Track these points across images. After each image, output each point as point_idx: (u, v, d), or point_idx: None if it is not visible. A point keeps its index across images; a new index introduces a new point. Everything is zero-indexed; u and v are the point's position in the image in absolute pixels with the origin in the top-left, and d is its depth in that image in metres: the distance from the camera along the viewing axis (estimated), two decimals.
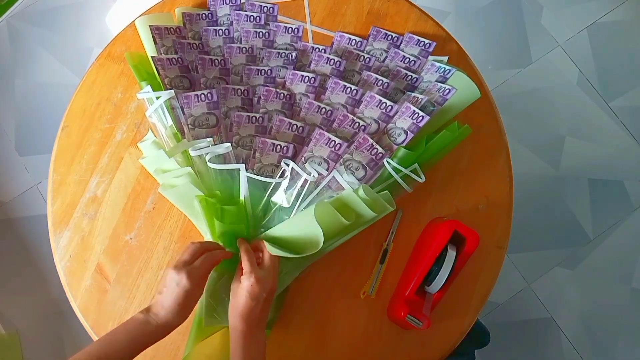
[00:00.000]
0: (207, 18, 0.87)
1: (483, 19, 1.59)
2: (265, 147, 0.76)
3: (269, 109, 0.80)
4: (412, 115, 0.77)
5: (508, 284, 1.45)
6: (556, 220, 1.48)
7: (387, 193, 0.73)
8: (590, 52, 1.56)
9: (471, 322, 0.77)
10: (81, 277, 0.80)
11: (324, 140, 0.76)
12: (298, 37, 0.86)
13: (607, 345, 1.43)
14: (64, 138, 0.85)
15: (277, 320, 0.77)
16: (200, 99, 0.77)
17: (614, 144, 1.52)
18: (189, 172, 0.72)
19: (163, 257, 0.80)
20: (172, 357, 0.76)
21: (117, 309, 0.79)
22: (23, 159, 1.57)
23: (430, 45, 0.84)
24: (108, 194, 0.83)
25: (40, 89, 1.60)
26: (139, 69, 0.81)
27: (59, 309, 1.47)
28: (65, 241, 0.81)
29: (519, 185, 0.85)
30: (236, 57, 0.83)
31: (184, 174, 0.72)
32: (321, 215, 0.68)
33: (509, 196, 0.81)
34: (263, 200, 0.75)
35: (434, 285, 0.70)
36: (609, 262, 1.46)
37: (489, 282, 0.78)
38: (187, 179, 0.71)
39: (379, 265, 0.78)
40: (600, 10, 1.59)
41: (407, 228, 0.80)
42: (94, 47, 1.61)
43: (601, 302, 1.45)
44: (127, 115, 0.85)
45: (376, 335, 0.76)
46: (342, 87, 0.80)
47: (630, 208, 1.49)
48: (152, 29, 0.82)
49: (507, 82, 1.55)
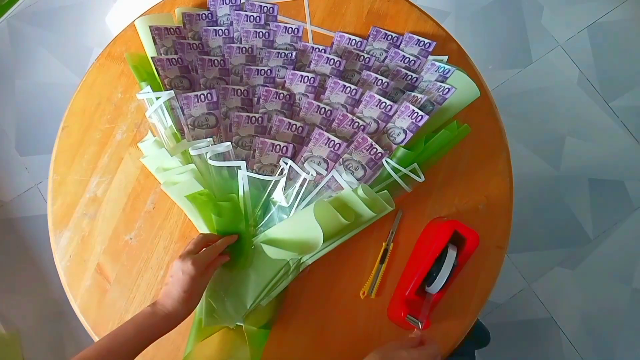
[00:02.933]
0: (207, 18, 0.87)
1: (483, 19, 1.59)
2: (264, 147, 0.76)
3: (269, 109, 0.80)
4: (411, 114, 0.77)
5: (508, 284, 1.45)
6: (556, 220, 1.48)
7: (386, 193, 0.73)
8: (590, 52, 1.56)
9: (471, 322, 0.77)
10: (81, 277, 0.80)
11: (324, 140, 0.76)
12: (298, 37, 0.86)
13: (607, 345, 1.43)
14: (64, 138, 0.85)
15: (277, 320, 0.77)
16: (200, 99, 0.77)
17: (614, 144, 1.52)
18: (192, 169, 0.72)
19: (163, 257, 0.80)
20: (172, 357, 0.76)
21: (117, 309, 0.79)
22: (23, 158, 1.57)
23: (430, 45, 0.84)
24: (108, 194, 0.83)
25: (40, 89, 1.60)
26: (138, 70, 0.81)
27: (59, 309, 1.47)
28: (65, 241, 0.81)
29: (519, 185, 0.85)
30: (236, 57, 0.83)
31: (186, 170, 0.72)
32: (320, 215, 0.68)
33: (509, 196, 0.81)
34: (262, 199, 0.75)
35: (434, 285, 0.70)
36: (609, 262, 1.46)
37: (489, 282, 0.78)
38: (190, 175, 0.72)
39: (379, 265, 0.78)
40: (601, 10, 1.59)
41: (407, 228, 0.80)
42: (94, 47, 1.62)
43: (601, 302, 1.45)
44: (127, 116, 0.85)
45: (376, 335, 0.76)
46: (341, 87, 0.80)
47: (630, 208, 1.49)
48: (152, 29, 0.82)
49: (507, 82, 1.55)
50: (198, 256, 0.65)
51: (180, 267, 0.64)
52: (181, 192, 0.72)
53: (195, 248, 0.67)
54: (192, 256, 0.65)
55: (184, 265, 0.64)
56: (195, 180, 0.71)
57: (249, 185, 0.73)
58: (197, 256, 0.65)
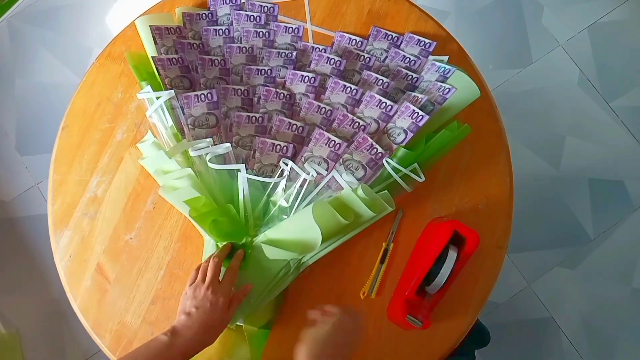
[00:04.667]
0: (207, 18, 0.87)
1: (483, 19, 1.59)
2: (265, 147, 0.76)
3: (269, 109, 0.80)
4: (411, 114, 0.77)
5: (508, 284, 1.45)
6: (556, 220, 1.48)
7: (386, 193, 0.73)
8: (590, 52, 1.56)
9: (471, 322, 0.77)
10: (81, 277, 0.80)
11: (324, 140, 0.76)
12: (298, 37, 0.86)
13: (607, 345, 1.43)
14: (65, 138, 0.85)
15: (277, 320, 0.77)
16: (200, 99, 0.77)
17: (614, 144, 1.52)
18: (189, 175, 0.72)
19: (163, 257, 0.80)
20: None
21: (117, 309, 0.79)
22: (23, 158, 1.57)
23: (430, 45, 0.84)
24: (108, 194, 0.83)
25: (40, 89, 1.60)
26: (139, 69, 0.81)
27: (59, 309, 1.47)
28: (65, 241, 0.81)
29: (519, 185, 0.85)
30: (236, 57, 0.83)
31: (184, 175, 0.72)
32: (320, 215, 0.68)
33: (509, 196, 0.81)
34: (262, 200, 0.75)
35: (434, 285, 0.70)
36: (609, 262, 1.46)
37: (489, 282, 0.78)
38: (187, 182, 0.71)
39: (379, 265, 0.78)
40: (601, 10, 1.58)
41: (407, 228, 0.80)
42: (94, 47, 1.61)
43: (601, 302, 1.45)
44: (127, 115, 0.85)
45: (376, 335, 0.76)
46: (342, 87, 0.80)
47: (630, 208, 1.49)
48: (152, 29, 0.82)
49: (508, 82, 1.55)
50: (223, 285, 0.63)
51: (209, 298, 0.61)
52: (179, 199, 0.72)
53: (215, 273, 0.65)
54: (219, 286, 0.63)
55: (213, 297, 0.61)
56: (193, 188, 0.70)
57: (248, 186, 0.73)
58: (223, 285, 0.63)
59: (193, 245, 0.80)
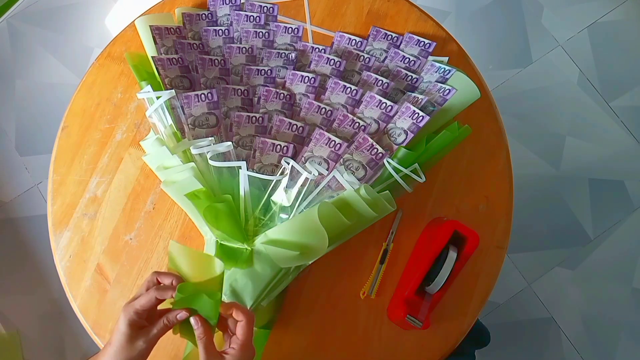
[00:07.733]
0: (207, 18, 0.87)
1: (483, 19, 1.59)
2: (265, 147, 0.76)
3: (269, 109, 0.80)
4: (412, 115, 0.77)
5: (508, 284, 1.45)
6: (556, 220, 1.48)
7: (388, 193, 0.73)
8: (590, 52, 1.56)
9: (471, 322, 0.77)
10: (81, 277, 0.80)
11: (324, 140, 0.76)
12: (298, 37, 0.86)
13: (607, 345, 1.43)
14: (64, 138, 0.85)
15: (277, 320, 0.77)
16: (201, 99, 0.77)
17: (614, 144, 1.52)
18: (192, 167, 0.72)
19: (163, 257, 0.80)
20: (172, 357, 0.76)
21: (117, 309, 0.79)
22: (23, 158, 1.57)
23: (430, 45, 0.84)
24: (108, 194, 0.83)
25: (40, 89, 1.60)
26: (139, 69, 0.81)
27: (59, 309, 1.47)
28: (65, 241, 0.81)
29: (519, 185, 0.85)
30: (236, 57, 0.83)
31: (187, 169, 0.72)
32: (323, 217, 0.67)
33: (509, 196, 0.81)
34: (263, 199, 0.75)
35: (434, 286, 0.70)
36: (609, 262, 1.46)
37: (489, 282, 0.78)
38: (190, 173, 0.71)
39: (379, 265, 0.78)
40: (601, 10, 1.59)
41: (407, 228, 0.80)
42: (94, 47, 1.62)
43: (601, 302, 1.45)
44: (127, 116, 0.85)
45: (376, 335, 0.76)
46: (342, 87, 0.80)
47: (630, 208, 1.49)
48: (152, 29, 0.82)
49: (508, 82, 1.55)
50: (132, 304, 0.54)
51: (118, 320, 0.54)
52: (180, 190, 0.72)
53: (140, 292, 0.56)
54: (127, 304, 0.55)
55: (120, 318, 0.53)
56: (195, 179, 0.70)
57: (249, 185, 0.73)
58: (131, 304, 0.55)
59: (193, 246, 0.80)
